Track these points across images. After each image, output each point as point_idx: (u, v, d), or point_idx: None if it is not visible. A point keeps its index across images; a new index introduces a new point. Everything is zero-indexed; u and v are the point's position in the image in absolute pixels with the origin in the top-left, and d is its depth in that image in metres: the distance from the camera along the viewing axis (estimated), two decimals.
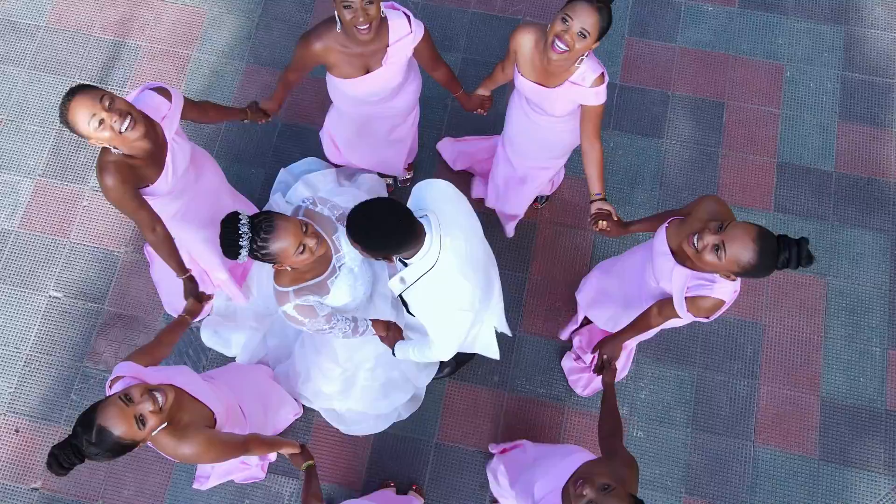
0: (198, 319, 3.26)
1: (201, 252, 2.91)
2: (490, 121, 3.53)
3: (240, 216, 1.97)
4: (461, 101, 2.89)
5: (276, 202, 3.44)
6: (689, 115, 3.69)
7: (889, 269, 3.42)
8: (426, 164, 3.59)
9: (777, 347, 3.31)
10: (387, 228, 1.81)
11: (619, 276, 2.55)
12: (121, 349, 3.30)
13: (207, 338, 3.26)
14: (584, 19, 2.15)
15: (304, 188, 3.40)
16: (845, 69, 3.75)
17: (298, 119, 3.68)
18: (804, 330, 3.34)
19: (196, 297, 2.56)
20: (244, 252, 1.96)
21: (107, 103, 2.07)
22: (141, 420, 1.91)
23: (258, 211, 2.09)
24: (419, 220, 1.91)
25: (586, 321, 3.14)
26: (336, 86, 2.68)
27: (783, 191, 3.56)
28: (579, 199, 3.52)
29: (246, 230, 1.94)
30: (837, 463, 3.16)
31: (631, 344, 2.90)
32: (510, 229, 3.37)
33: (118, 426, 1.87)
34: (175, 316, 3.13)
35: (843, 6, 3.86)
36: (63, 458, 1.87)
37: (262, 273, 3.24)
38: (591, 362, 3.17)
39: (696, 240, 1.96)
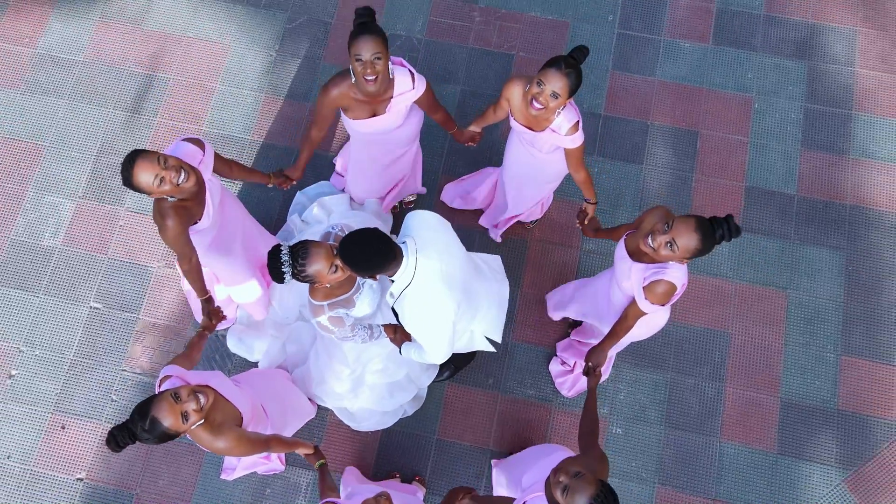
0: (223, 327, 3.65)
1: (227, 274, 3.28)
2: (485, 155, 3.93)
3: (281, 247, 2.37)
4: (455, 136, 3.28)
5: (294, 222, 3.83)
6: (666, 143, 4.07)
7: (843, 284, 3.80)
8: (428, 186, 3.97)
9: (742, 353, 3.70)
10: (369, 253, 2.22)
11: (593, 297, 2.95)
12: (155, 354, 3.69)
13: (233, 345, 3.65)
14: (555, 83, 2.54)
15: (319, 210, 3.79)
16: (808, 101, 4.14)
17: (317, 147, 4.06)
18: (766, 338, 3.72)
19: (210, 315, 2.96)
20: (288, 276, 2.36)
21: (163, 163, 2.46)
22: (185, 416, 2.30)
23: (297, 241, 2.47)
24: (399, 244, 2.30)
25: (576, 323, 3.53)
26: (349, 124, 3.07)
27: (750, 212, 3.95)
28: (566, 220, 3.91)
29: (287, 258, 2.34)
30: (794, 457, 3.54)
31: (611, 353, 3.29)
32: (496, 234, 3.76)
33: (167, 419, 2.26)
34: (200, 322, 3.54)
35: (807, 43, 4.25)
36: (120, 438, 2.26)
37: (283, 290, 3.62)
38: (574, 367, 3.57)
39: (650, 240, 2.37)
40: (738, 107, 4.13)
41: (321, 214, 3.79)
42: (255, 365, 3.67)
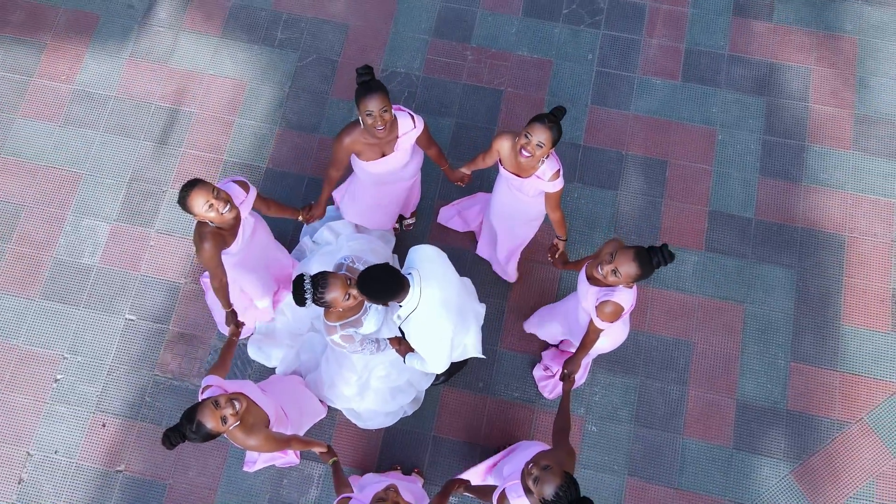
0: (243, 337, 4.13)
1: (250, 286, 3.77)
2: (476, 181, 4.41)
3: (305, 277, 2.84)
4: (447, 174, 3.74)
5: (306, 243, 4.30)
6: (638, 171, 4.55)
7: (794, 298, 4.28)
8: (426, 210, 4.45)
9: (703, 360, 4.18)
10: (384, 286, 2.70)
11: (564, 315, 3.44)
12: (183, 361, 4.17)
13: (253, 353, 4.13)
14: (540, 135, 3.01)
15: (328, 232, 4.26)
16: (766, 133, 4.62)
17: (322, 174, 4.54)
18: (725, 346, 4.20)
19: (235, 324, 3.44)
20: (309, 301, 2.83)
21: (215, 193, 2.94)
22: (224, 419, 2.77)
23: (320, 272, 2.92)
24: (406, 275, 2.78)
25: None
26: (360, 166, 3.53)
27: (713, 234, 4.42)
28: (549, 242, 4.38)
29: (308, 287, 2.81)
30: (748, 451, 4.03)
31: (584, 361, 3.77)
32: (511, 275, 4.19)
33: (210, 422, 2.74)
34: (225, 334, 4.03)
35: (766, 81, 4.72)
36: (173, 438, 2.74)
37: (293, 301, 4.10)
38: (557, 373, 4.05)
39: (600, 269, 2.85)
40: (704, 138, 4.61)
41: (330, 236, 4.25)
42: (272, 371, 4.14)
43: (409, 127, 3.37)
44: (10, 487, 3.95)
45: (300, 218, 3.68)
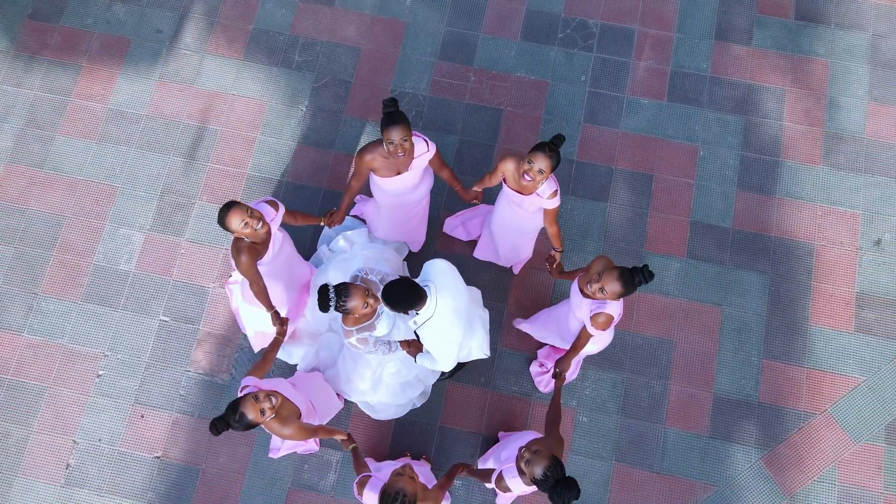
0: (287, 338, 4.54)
1: (276, 294, 4.19)
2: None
3: (329, 287, 3.26)
4: (460, 195, 4.15)
5: (323, 251, 4.73)
6: (626, 184, 4.97)
7: (767, 301, 4.72)
8: (432, 221, 4.86)
9: (683, 357, 4.62)
10: (404, 296, 3.13)
11: (556, 321, 3.88)
12: (213, 358, 4.60)
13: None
14: (541, 163, 3.42)
15: (344, 241, 4.68)
16: (744, 150, 5.04)
17: (338, 187, 4.96)
18: (703, 345, 4.64)
19: (280, 322, 3.86)
20: (332, 308, 3.26)
21: (249, 213, 3.37)
22: (262, 412, 3.20)
23: (342, 282, 3.35)
24: (424, 287, 3.20)
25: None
26: (376, 182, 3.95)
27: (694, 242, 4.85)
28: (547, 251, 4.80)
29: (332, 296, 3.24)
30: (723, 439, 4.47)
31: (578, 359, 4.21)
32: (517, 267, 4.69)
33: (250, 413, 3.17)
34: (246, 333, 4.47)
35: (744, 101, 5.14)
36: (219, 425, 3.17)
37: (315, 308, 4.53)
38: (551, 369, 4.49)
39: (589, 286, 3.27)
40: (687, 154, 5.03)
41: (345, 245, 4.68)
42: (294, 368, 4.57)
43: (423, 150, 3.78)
44: (59, 472, 4.39)
45: (322, 223, 4.08)
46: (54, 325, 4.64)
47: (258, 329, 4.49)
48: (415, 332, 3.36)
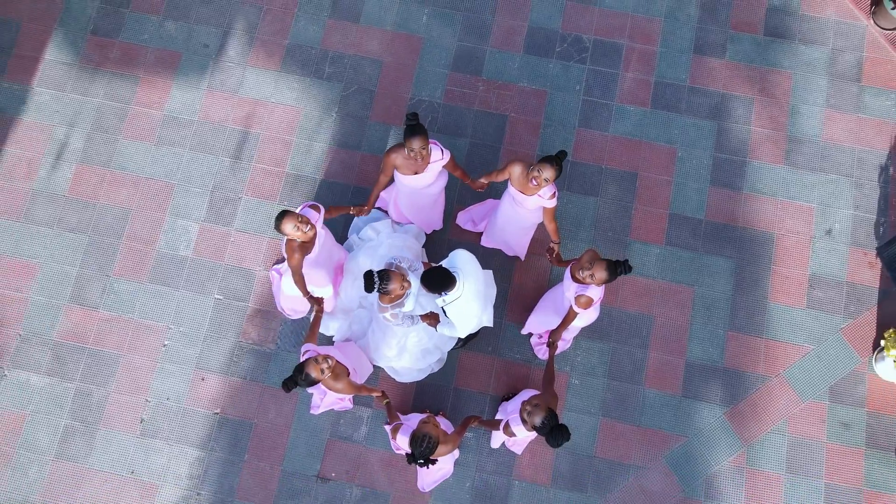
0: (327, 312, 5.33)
1: (317, 279, 4.98)
2: (487, 190, 5.61)
3: (373, 273, 4.05)
4: (470, 184, 4.91)
5: (353, 239, 5.52)
6: (614, 181, 5.75)
7: (732, 282, 5.52)
8: (446, 214, 5.64)
9: (661, 330, 5.44)
10: (440, 281, 3.93)
11: (553, 299, 4.70)
12: (261, 330, 5.41)
13: None
14: (548, 172, 4.19)
15: (371, 231, 5.47)
16: (716, 151, 5.81)
17: (365, 183, 5.73)
18: (678, 319, 5.45)
19: (316, 301, 4.68)
20: (375, 290, 4.05)
21: (299, 219, 4.14)
22: (322, 371, 4.02)
23: (381, 269, 4.14)
24: (454, 274, 4.00)
25: None
26: (398, 178, 4.72)
27: (672, 232, 5.64)
28: (547, 239, 5.59)
29: (376, 280, 4.03)
30: (692, 398, 5.31)
31: (566, 335, 5.01)
32: (522, 255, 5.47)
33: (313, 372, 3.99)
34: (283, 312, 5.29)
35: (718, 108, 5.90)
36: (289, 384, 3.99)
37: (348, 287, 5.32)
38: (546, 336, 5.31)
39: (580, 273, 4.07)
40: (666, 155, 5.80)
41: (372, 234, 5.46)
42: (330, 339, 5.39)
43: (438, 157, 4.55)
44: (135, 425, 5.23)
45: (351, 211, 4.84)
46: (126, 302, 5.44)
47: (292, 306, 5.30)
48: (442, 308, 4.16)
